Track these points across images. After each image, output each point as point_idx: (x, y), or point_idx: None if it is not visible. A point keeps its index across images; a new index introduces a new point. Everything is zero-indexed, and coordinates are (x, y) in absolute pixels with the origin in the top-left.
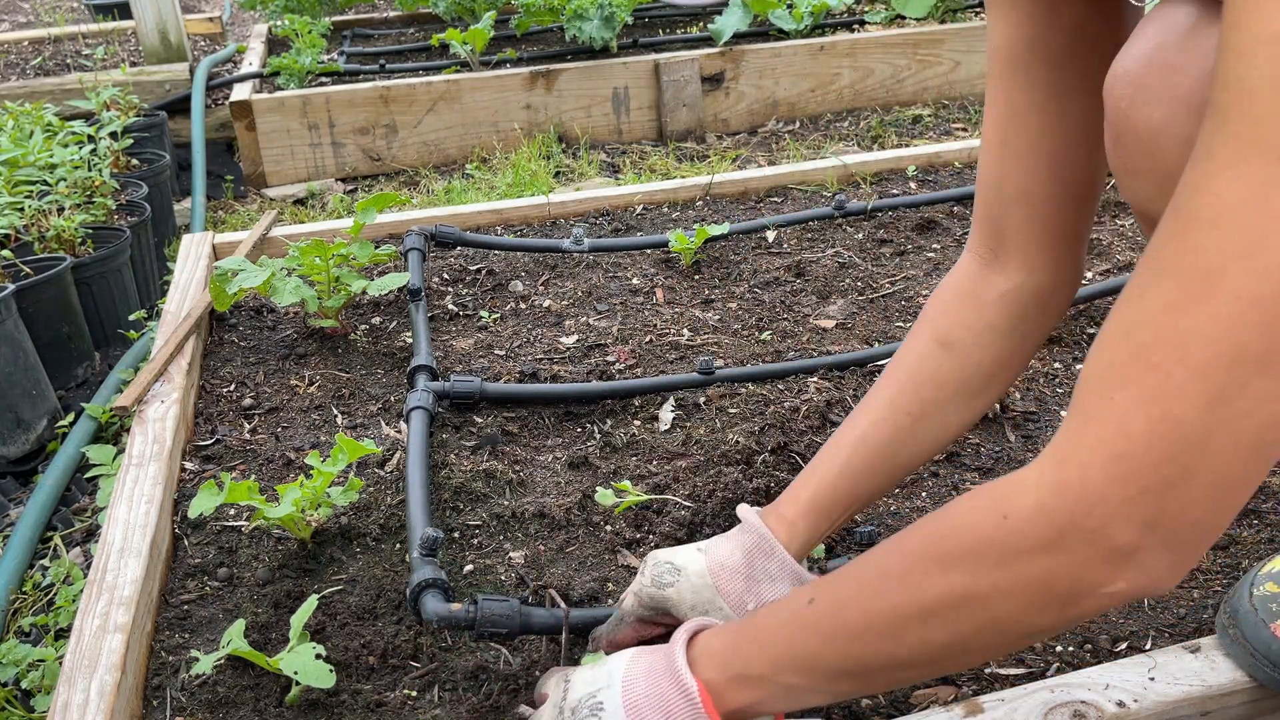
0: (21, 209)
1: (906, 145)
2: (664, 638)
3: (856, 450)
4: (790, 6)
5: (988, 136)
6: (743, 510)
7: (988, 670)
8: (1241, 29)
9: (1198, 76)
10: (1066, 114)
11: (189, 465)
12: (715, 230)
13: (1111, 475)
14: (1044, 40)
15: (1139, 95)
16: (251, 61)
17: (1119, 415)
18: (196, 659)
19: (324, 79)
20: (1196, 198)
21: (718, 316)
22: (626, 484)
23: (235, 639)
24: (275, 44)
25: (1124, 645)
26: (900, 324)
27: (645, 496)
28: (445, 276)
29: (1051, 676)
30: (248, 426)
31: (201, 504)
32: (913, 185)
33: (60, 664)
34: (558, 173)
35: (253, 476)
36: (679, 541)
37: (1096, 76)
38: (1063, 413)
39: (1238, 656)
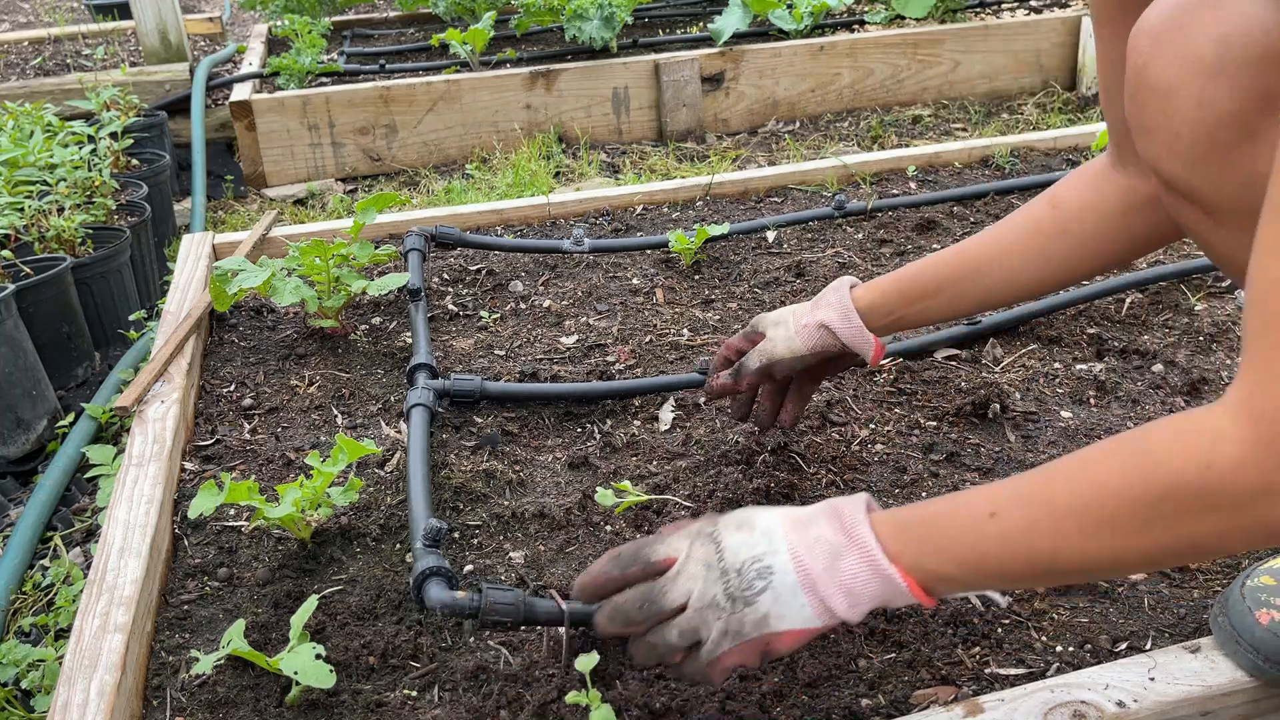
0: (21, 209)
1: (906, 145)
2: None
3: (949, 254)
4: (790, 6)
5: (1099, 70)
6: (843, 278)
7: (988, 670)
8: None
9: (1215, 39)
10: None
11: (189, 465)
12: (715, 230)
13: None
14: None
15: (1156, 52)
16: (251, 61)
17: None
18: (196, 659)
19: (324, 79)
20: None
21: (718, 316)
22: (626, 484)
23: (235, 639)
24: (275, 44)
25: (1124, 645)
26: None
27: (645, 496)
28: (445, 276)
29: (1051, 676)
30: (248, 426)
31: (201, 504)
32: (913, 185)
33: (60, 664)
34: (558, 173)
35: (253, 476)
36: None
37: None
38: (1064, 413)
39: (1224, 644)
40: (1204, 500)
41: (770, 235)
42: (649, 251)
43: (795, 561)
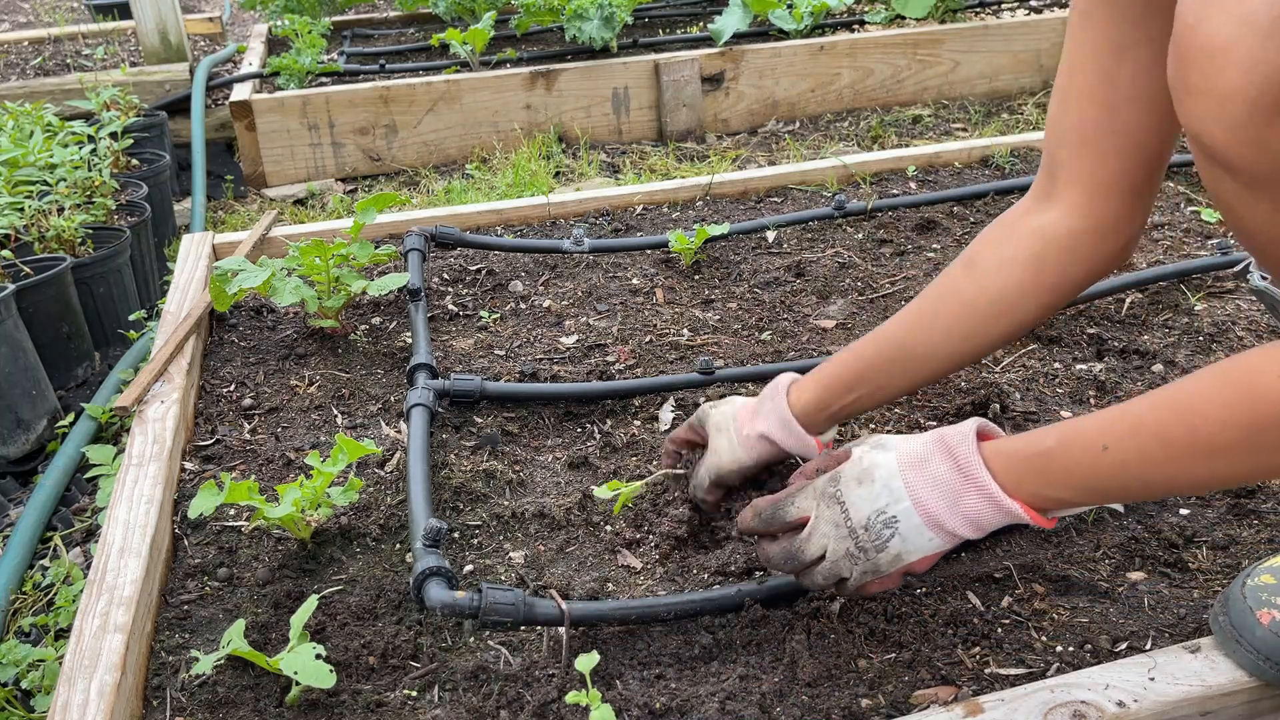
0: (21, 209)
1: (906, 145)
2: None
3: (870, 341)
4: (790, 6)
5: (1057, 81)
6: (782, 377)
7: (988, 670)
8: None
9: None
10: (1122, 67)
11: (189, 465)
12: (715, 230)
13: None
14: None
15: (1206, 11)
16: (251, 61)
17: None
18: (196, 659)
19: (324, 79)
20: None
21: (718, 316)
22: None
23: (235, 639)
24: (275, 44)
25: (1124, 645)
26: None
27: (638, 484)
28: (445, 276)
29: (1051, 676)
30: (248, 426)
31: (201, 504)
32: (912, 185)
33: (60, 664)
34: (558, 173)
35: (253, 476)
36: (680, 540)
37: (1154, 34)
38: (1064, 412)
39: (1225, 644)
40: None
41: (770, 235)
42: (649, 251)
43: (918, 506)
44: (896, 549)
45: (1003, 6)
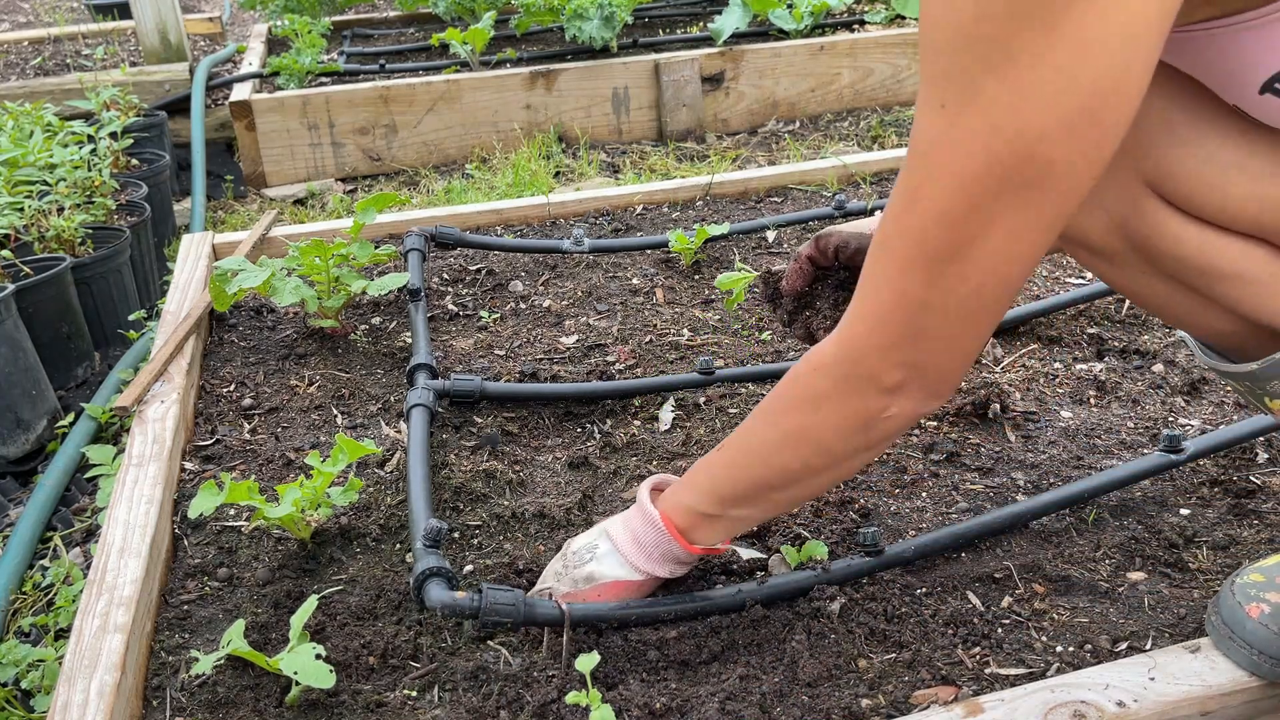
0: (21, 209)
1: (906, 145)
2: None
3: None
4: (790, 6)
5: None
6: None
7: (988, 670)
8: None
9: None
10: None
11: (189, 465)
12: (715, 230)
13: (873, 334)
14: None
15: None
16: (251, 61)
17: (874, 291)
18: (196, 659)
19: (324, 79)
20: (913, 131)
21: (718, 316)
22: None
23: (235, 639)
24: (275, 44)
25: (1124, 645)
26: None
27: None
28: (445, 276)
29: (1052, 676)
30: (248, 426)
31: (201, 504)
32: None
33: (60, 664)
34: (558, 173)
35: (253, 476)
36: None
37: None
38: (1064, 412)
39: (1219, 641)
40: (807, 390)
41: (770, 235)
42: (649, 251)
43: (611, 536)
44: (590, 570)
45: None
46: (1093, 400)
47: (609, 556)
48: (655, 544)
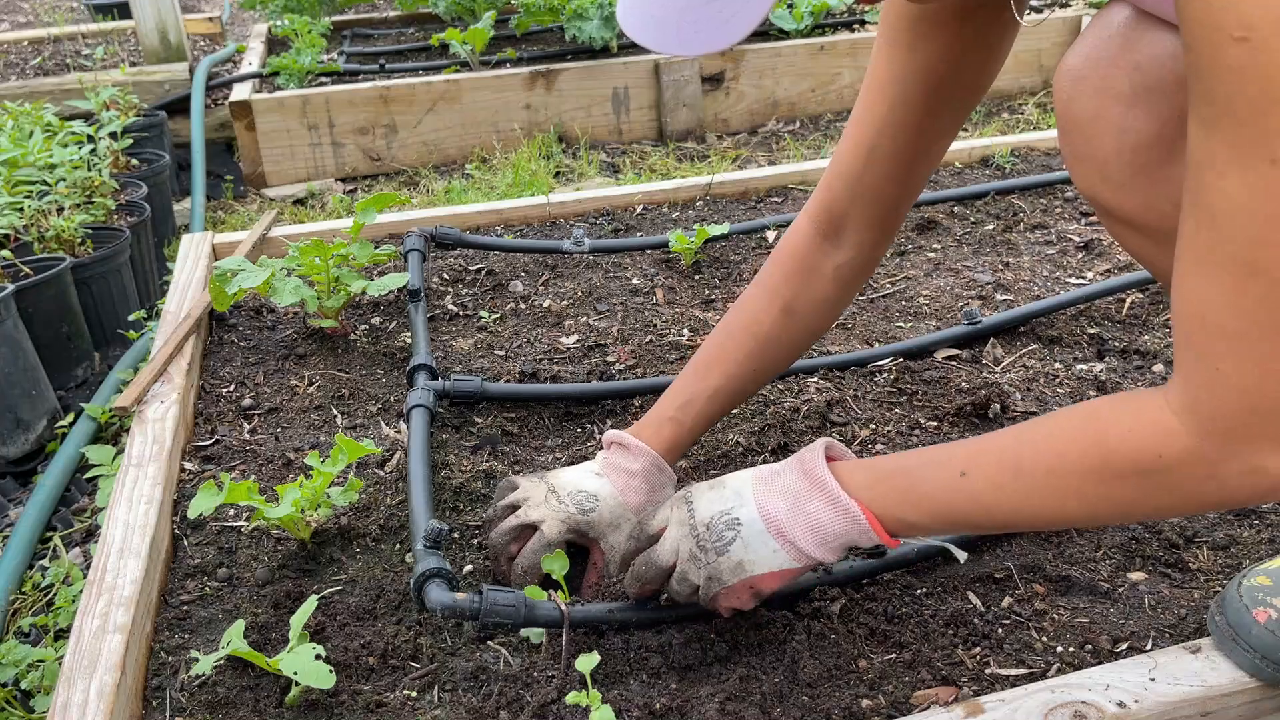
0: (21, 209)
1: None
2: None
3: (712, 400)
4: (790, 6)
5: (856, 138)
6: (617, 435)
7: (988, 671)
8: (1203, 57)
9: (1129, 69)
10: (931, 136)
11: (189, 465)
12: (715, 230)
13: (1247, 420)
14: (931, 67)
15: (1076, 89)
16: (251, 61)
17: (1233, 378)
18: (196, 659)
19: (324, 79)
20: (1213, 198)
21: (718, 316)
22: None
23: (235, 639)
24: (275, 44)
25: (1125, 646)
26: (900, 324)
27: None
28: (445, 276)
29: (1052, 677)
30: (247, 426)
31: (201, 504)
32: None
33: (60, 664)
34: (558, 173)
35: (252, 477)
36: None
37: (966, 100)
38: None
39: (1222, 643)
40: (1153, 480)
41: (770, 235)
42: (649, 251)
43: (761, 509)
44: (738, 555)
45: None
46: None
47: (758, 538)
48: (842, 534)
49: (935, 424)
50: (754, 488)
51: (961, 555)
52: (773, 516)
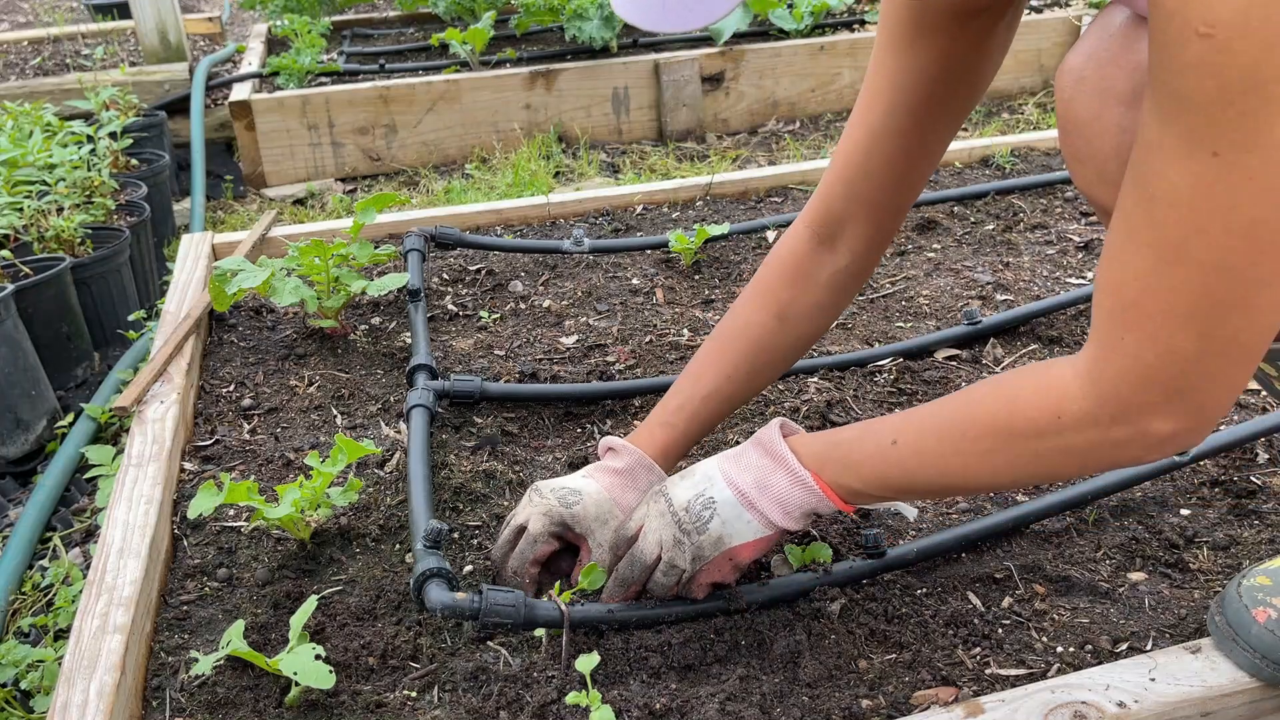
0: (21, 209)
1: None
2: (560, 552)
3: (705, 404)
4: (790, 6)
5: (854, 141)
6: (609, 440)
7: (988, 671)
8: (1168, 47)
9: (1128, 69)
10: (929, 140)
11: (188, 465)
12: (715, 230)
13: (1140, 392)
14: (929, 70)
15: (1077, 89)
16: (251, 61)
17: (1134, 351)
18: (196, 660)
19: (324, 79)
20: (1155, 182)
21: (717, 316)
22: None
23: (235, 640)
24: (275, 44)
25: (1125, 646)
26: (900, 324)
27: None
28: (445, 277)
29: (1052, 677)
30: (247, 427)
31: (201, 504)
32: None
33: (59, 665)
34: (558, 173)
35: (252, 477)
36: None
37: (965, 102)
38: None
39: (1222, 643)
40: (1049, 441)
41: (770, 235)
42: (649, 251)
43: (731, 486)
44: (718, 530)
45: None
46: None
47: (733, 513)
48: (803, 503)
49: None
50: (721, 469)
51: (910, 513)
52: (743, 490)
